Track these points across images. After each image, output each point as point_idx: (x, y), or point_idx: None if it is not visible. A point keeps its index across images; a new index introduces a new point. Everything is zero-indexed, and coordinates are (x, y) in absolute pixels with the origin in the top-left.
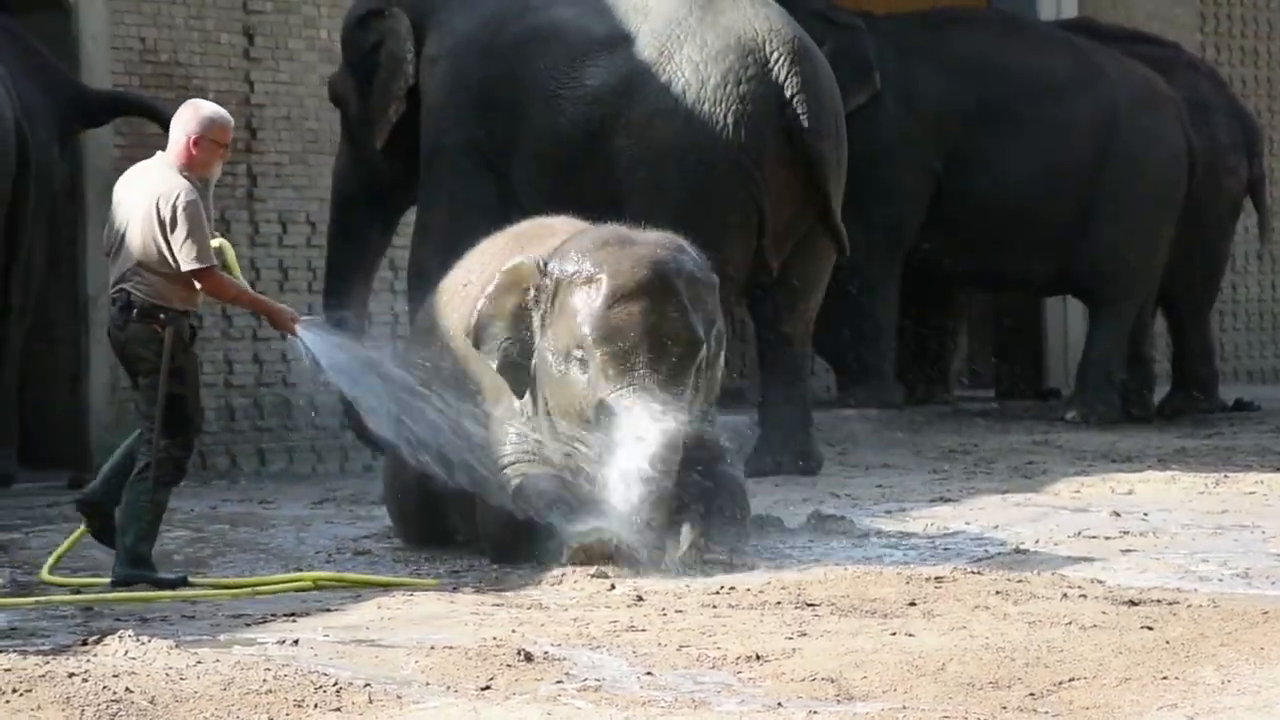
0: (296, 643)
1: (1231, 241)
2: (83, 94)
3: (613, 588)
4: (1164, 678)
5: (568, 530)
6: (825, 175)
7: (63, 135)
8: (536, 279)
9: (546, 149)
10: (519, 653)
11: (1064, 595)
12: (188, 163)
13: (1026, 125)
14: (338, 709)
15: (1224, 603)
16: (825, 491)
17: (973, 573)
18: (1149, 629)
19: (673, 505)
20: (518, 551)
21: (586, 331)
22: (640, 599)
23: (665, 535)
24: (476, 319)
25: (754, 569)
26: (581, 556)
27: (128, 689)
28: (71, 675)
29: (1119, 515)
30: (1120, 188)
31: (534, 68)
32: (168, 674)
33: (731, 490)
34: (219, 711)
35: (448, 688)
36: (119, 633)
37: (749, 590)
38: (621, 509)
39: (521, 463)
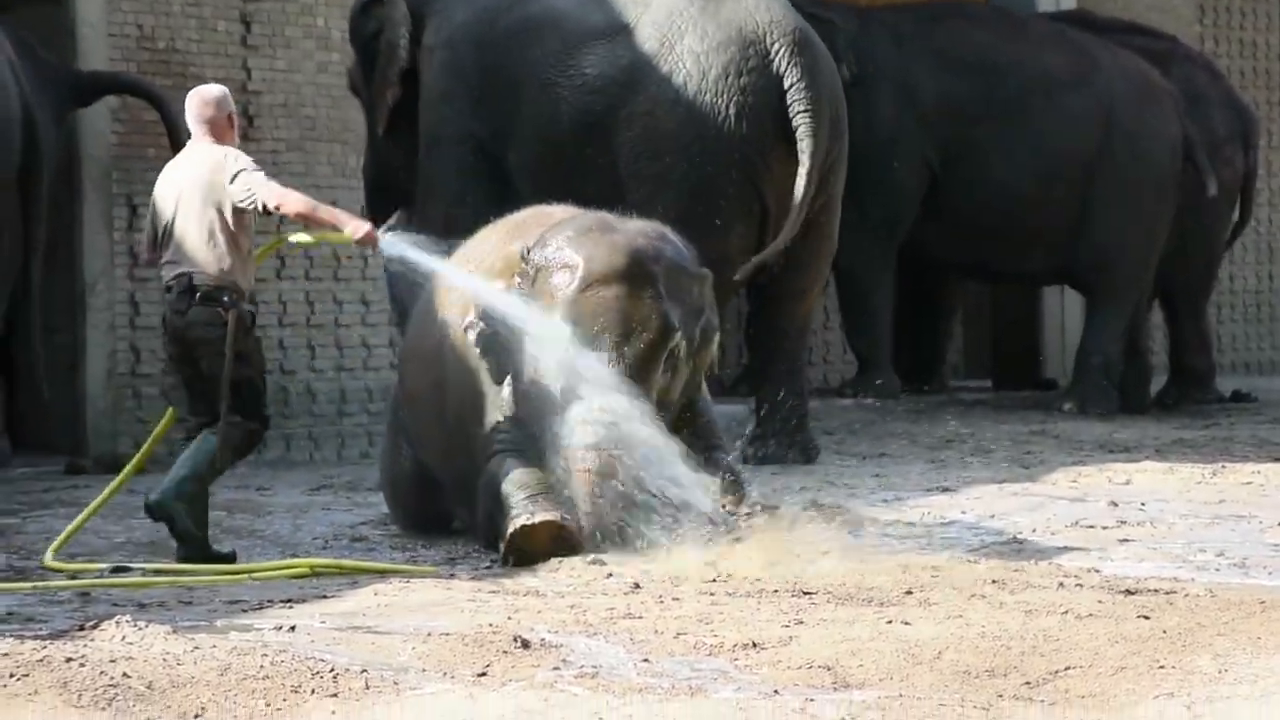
0: (293, 629)
1: (1228, 233)
2: (73, 76)
3: (610, 575)
4: (1160, 667)
5: (516, 516)
6: (826, 167)
7: (58, 118)
8: (519, 266)
9: (544, 139)
10: (515, 639)
11: (1060, 584)
12: (231, 140)
13: (1023, 118)
14: (334, 694)
15: (1221, 592)
16: (822, 480)
17: (969, 562)
18: (1145, 618)
19: (616, 488)
20: (494, 540)
21: (558, 315)
22: (637, 586)
23: (619, 515)
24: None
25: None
26: (520, 540)
27: (125, 674)
28: (69, 660)
29: (1116, 505)
30: (1117, 180)
31: (530, 57)
32: (165, 659)
33: (729, 472)
34: (216, 697)
35: (444, 674)
36: (116, 618)
37: (746, 578)
38: (576, 492)
39: (506, 452)
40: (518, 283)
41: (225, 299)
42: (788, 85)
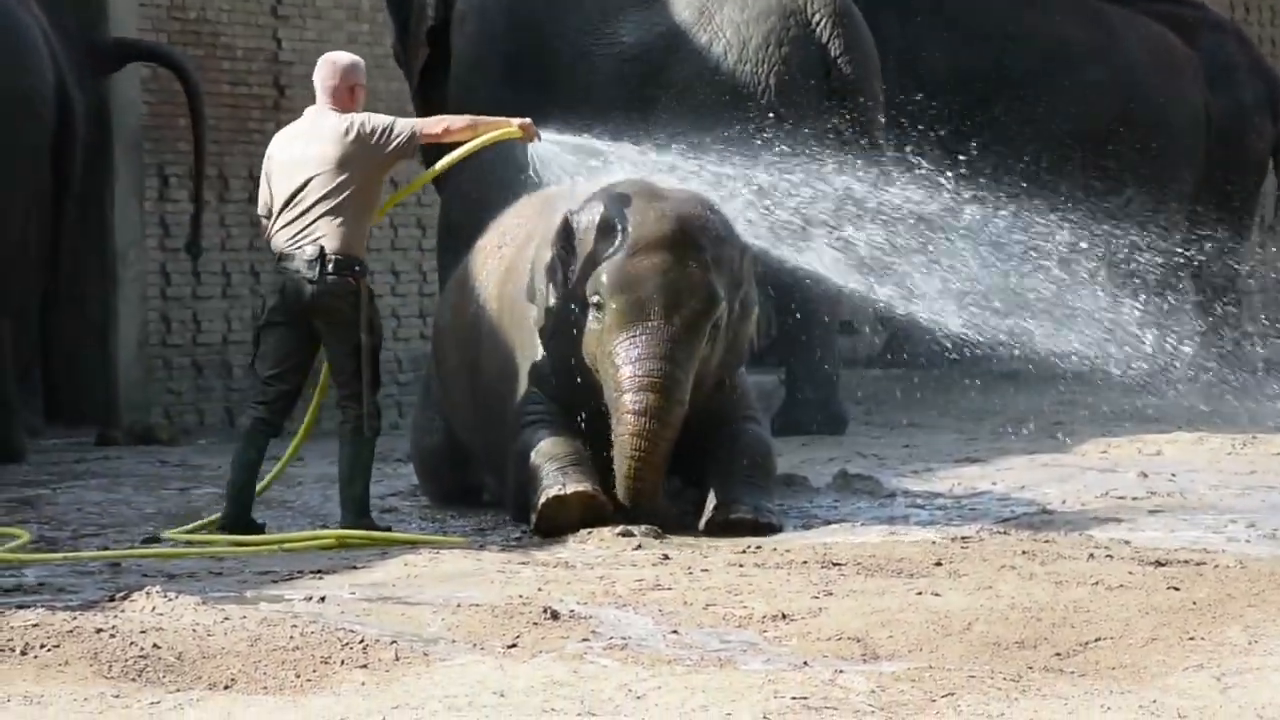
0: (323, 600)
1: (1258, 201)
2: (100, 43)
3: (639, 547)
4: (1190, 638)
5: (548, 487)
6: (870, 136)
7: (87, 86)
8: (567, 231)
9: (578, 108)
10: (545, 610)
11: (1090, 555)
12: (351, 108)
13: (1044, 90)
14: (364, 665)
15: (1251, 564)
16: (852, 451)
17: (999, 533)
18: (1176, 589)
19: (665, 462)
20: (524, 511)
21: (605, 279)
22: (666, 558)
23: (659, 493)
24: (530, 276)
25: (779, 530)
26: (551, 511)
27: (155, 645)
28: (99, 631)
29: (1146, 476)
30: (1139, 150)
31: (566, 25)
32: (195, 630)
33: (758, 450)
34: (246, 668)
35: (474, 645)
36: (146, 589)
37: (775, 549)
38: (616, 465)
39: (538, 423)
40: (564, 248)
41: (356, 268)
42: (831, 55)
